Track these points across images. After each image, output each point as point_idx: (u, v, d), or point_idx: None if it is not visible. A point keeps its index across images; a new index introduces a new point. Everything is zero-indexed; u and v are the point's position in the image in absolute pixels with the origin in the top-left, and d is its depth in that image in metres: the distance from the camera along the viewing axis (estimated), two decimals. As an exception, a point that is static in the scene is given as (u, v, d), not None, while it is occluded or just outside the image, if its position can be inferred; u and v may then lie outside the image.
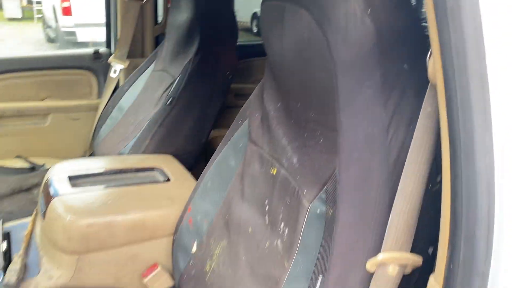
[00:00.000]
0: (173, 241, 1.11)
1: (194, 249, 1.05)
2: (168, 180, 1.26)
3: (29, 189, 1.59)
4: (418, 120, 0.60)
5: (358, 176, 0.68)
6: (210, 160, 1.09)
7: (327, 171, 0.74)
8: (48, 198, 1.10)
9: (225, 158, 1.05)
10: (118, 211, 1.06)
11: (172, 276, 1.14)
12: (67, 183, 1.15)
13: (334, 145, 0.72)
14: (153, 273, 1.12)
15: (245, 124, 1.02)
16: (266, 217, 0.89)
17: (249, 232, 0.92)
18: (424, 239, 0.64)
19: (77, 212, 1.04)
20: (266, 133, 0.94)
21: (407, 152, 0.61)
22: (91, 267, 1.07)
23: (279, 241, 0.84)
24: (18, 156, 1.85)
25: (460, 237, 0.48)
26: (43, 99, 1.98)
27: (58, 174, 1.20)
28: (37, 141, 1.92)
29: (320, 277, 0.71)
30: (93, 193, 1.12)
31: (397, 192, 0.61)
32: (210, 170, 1.08)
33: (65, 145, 1.98)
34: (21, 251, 1.11)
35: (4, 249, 1.10)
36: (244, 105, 1.05)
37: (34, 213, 1.29)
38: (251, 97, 1.04)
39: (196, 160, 1.59)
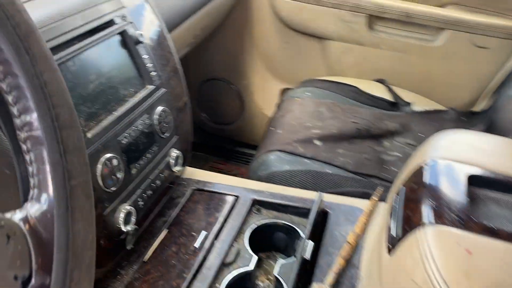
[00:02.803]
0: None
1: None
2: None
3: (382, 137, 1.02)
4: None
5: None
6: None
7: None
8: (415, 217, 0.47)
9: None
10: None
11: None
12: (464, 194, 0.49)
13: None
14: None
15: None
16: None
17: None
18: None
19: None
20: None
21: None
22: None
23: None
24: (380, 80, 1.30)
25: None
26: (443, 5, 1.28)
27: (446, 159, 0.55)
28: (407, 65, 1.30)
29: None
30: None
31: None
32: None
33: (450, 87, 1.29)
34: (334, 267, 0.57)
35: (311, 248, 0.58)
36: None
37: (372, 202, 0.71)
38: None
39: None
